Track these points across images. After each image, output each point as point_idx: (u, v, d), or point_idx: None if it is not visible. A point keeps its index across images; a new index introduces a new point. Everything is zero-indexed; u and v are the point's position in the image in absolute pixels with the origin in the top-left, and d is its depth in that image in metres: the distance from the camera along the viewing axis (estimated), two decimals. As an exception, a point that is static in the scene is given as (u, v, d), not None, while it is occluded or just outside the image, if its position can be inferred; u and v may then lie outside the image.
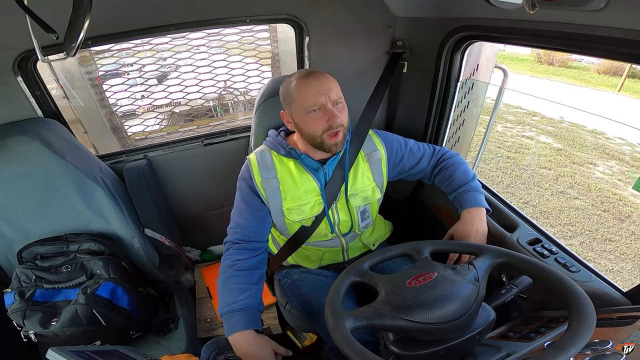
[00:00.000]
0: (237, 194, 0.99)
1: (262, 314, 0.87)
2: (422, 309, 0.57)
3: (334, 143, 0.88)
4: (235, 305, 0.83)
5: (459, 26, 1.05)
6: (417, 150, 1.06)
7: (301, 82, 0.86)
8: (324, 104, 0.85)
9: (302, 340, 1.42)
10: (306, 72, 0.88)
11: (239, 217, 0.96)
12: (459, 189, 0.97)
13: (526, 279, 0.70)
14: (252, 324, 0.82)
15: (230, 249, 0.93)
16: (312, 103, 0.85)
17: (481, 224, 0.91)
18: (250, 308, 0.83)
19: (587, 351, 0.56)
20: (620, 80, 7.52)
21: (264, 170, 0.95)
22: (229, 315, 0.82)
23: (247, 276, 0.88)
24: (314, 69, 0.90)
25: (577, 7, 0.65)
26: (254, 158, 0.97)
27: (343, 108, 0.88)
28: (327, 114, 0.85)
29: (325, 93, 0.84)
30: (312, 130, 0.87)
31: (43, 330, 0.98)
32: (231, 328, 0.81)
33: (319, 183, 0.96)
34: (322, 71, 0.89)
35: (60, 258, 1.09)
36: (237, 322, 0.81)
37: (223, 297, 0.86)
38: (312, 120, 0.86)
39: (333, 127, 0.85)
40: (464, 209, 0.94)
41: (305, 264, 1.12)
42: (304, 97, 0.85)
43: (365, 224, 1.07)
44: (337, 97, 0.86)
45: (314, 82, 0.85)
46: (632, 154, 4.68)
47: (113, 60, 1.73)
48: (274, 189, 0.95)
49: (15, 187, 1.04)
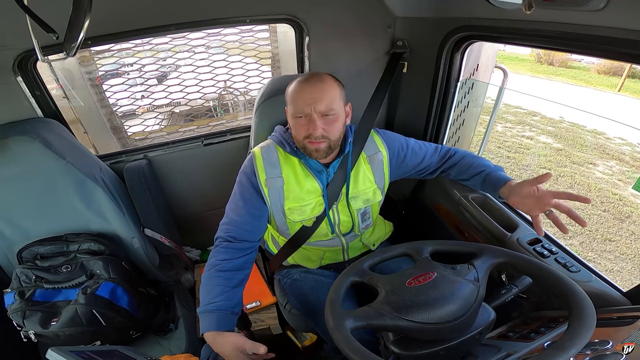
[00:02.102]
0: (236, 188, 0.97)
1: (237, 316, 0.88)
2: (422, 309, 0.57)
3: (315, 149, 0.88)
4: (210, 306, 0.84)
5: (459, 26, 1.05)
6: (419, 148, 1.05)
7: (297, 86, 0.88)
8: (309, 114, 0.85)
9: (302, 340, 1.42)
10: (306, 77, 0.89)
11: (234, 213, 0.95)
12: (489, 168, 0.97)
13: (526, 279, 0.71)
14: (222, 326, 0.83)
15: (219, 246, 0.92)
16: (299, 110, 0.87)
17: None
18: (223, 310, 0.84)
19: (587, 351, 0.56)
20: (620, 80, 7.52)
21: (269, 168, 0.94)
22: (204, 314, 0.84)
23: (228, 278, 0.88)
24: (316, 74, 0.89)
25: (577, 7, 0.65)
26: (259, 153, 0.96)
27: (333, 120, 0.87)
28: (310, 123, 0.86)
29: (312, 103, 0.84)
30: (296, 133, 0.90)
31: (43, 330, 0.98)
32: (203, 327, 0.83)
33: (321, 184, 0.96)
34: (322, 77, 0.88)
35: (60, 258, 1.09)
36: (209, 322, 0.83)
37: (202, 296, 0.87)
38: (298, 125, 0.88)
39: (311, 137, 0.87)
40: (509, 180, 0.92)
41: (306, 264, 1.12)
42: (295, 102, 0.88)
43: (365, 225, 1.07)
44: (326, 109, 0.85)
45: (308, 89, 0.86)
46: (632, 154, 4.68)
47: (113, 60, 1.73)
48: (278, 188, 0.94)
49: (15, 187, 1.04)
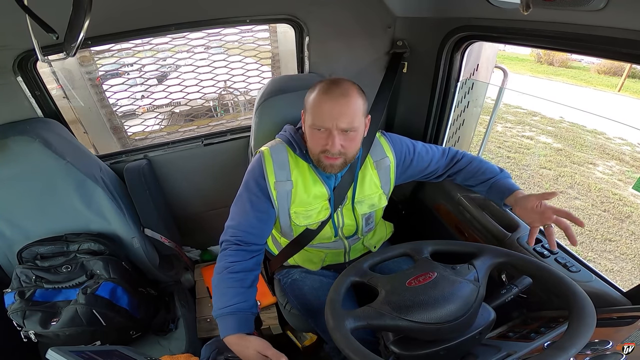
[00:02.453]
0: (243, 189, 0.94)
1: (255, 316, 0.87)
2: (422, 309, 0.57)
3: (330, 164, 0.86)
4: (228, 309, 0.83)
5: (459, 26, 1.05)
6: (425, 153, 1.04)
7: (319, 97, 0.83)
8: (330, 129, 0.82)
9: (302, 340, 1.42)
10: (329, 86, 0.83)
11: (241, 217, 0.93)
12: (496, 176, 0.97)
13: (526, 279, 0.71)
14: (243, 328, 0.82)
15: (227, 249, 0.91)
16: (319, 123, 0.83)
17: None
18: (243, 311, 0.84)
19: (587, 351, 0.56)
20: (620, 80, 7.52)
21: (279, 170, 0.92)
22: (222, 318, 0.84)
23: (240, 279, 0.87)
24: (340, 83, 0.83)
25: (576, 7, 0.65)
26: (269, 154, 0.93)
27: (353, 138, 0.84)
28: (329, 138, 0.82)
29: (335, 119, 0.80)
30: (312, 145, 0.87)
31: (43, 330, 0.98)
32: (224, 330, 0.83)
33: (328, 189, 0.95)
34: (347, 88, 0.82)
35: (60, 258, 1.09)
36: (230, 325, 0.82)
37: (216, 299, 0.86)
38: (316, 137, 0.85)
39: (328, 153, 0.84)
40: (517, 190, 0.92)
41: (307, 265, 1.12)
42: (315, 113, 0.83)
43: (368, 228, 1.07)
44: (347, 126, 0.81)
45: (330, 103, 0.81)
46: (632, 154, 4.68)
47: (113, 60, 1.73)
48: (286, 192, 0.93)
49: (15, 187, 1.04)
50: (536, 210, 0.82)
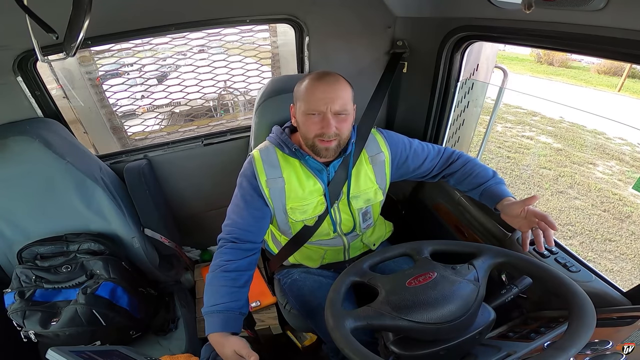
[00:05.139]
0: (237, 190, 0.97)
1: (244, 316, 0.87)
2: (422, 309, 0.57)
3: (325, 147, 0.89)
4: (217, 307, 0.84)
5: (459, 26, 1.05)
6: (421, 151, 1.05)
7: (311, 83, 0.87)
8: (324, 112, 0.86)
9: (302, 340, 1.42)
10: (319, 75, 0.88)
11: (236, 215, 0.95)
12: (489, 181, 0.97)
13: (526, 279, 0.71)
14: (228, 327, 0.82)
15: (223, 247, 0.92)
16: (314, 108, 0.86)
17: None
18: (231, 311, 0.84)
19: (587, 351, 0.56)
20: (620, 80, 7.52)
21: (270, 169, 0.94)
22: (209, 315, 0.84)
23: (233, 278, 0.88)
24: (330, 73, 0.89)
25: (577, 7, 0.65)
26: (258, 155, 0.96)
27: (345, 119, 0.88)
28: (324, 121, 0.86)
29: (328, 102, 0.85)
30: (307, 131, 0.89)
31: (43, 330, 0.98)
32: (209, 328, 0.83)
33: (322, 184, 0.96)
34: (337, 76, 0.89)
35: (60, 258, 1.09)
36: (215, 323, 0.83)
37: (207, 297, 0.87)
38: (309, 123, 0.88)
39: (324, 136, 0.87)
40: (506, 197, 0.92)
41: (307, 262, 1.12)
42: (309, 99, 0.87)
43: (366, 224, 1.07)
44: (340, 108, 0.86)
45: (322, 87, 0.86)
46: (632, 154, 4.68)
47: (113, 60, 1.73)
48: (279, 189, 0.94)
49: (15, 187, 1.04)
50: (521, 215, 0.84)
